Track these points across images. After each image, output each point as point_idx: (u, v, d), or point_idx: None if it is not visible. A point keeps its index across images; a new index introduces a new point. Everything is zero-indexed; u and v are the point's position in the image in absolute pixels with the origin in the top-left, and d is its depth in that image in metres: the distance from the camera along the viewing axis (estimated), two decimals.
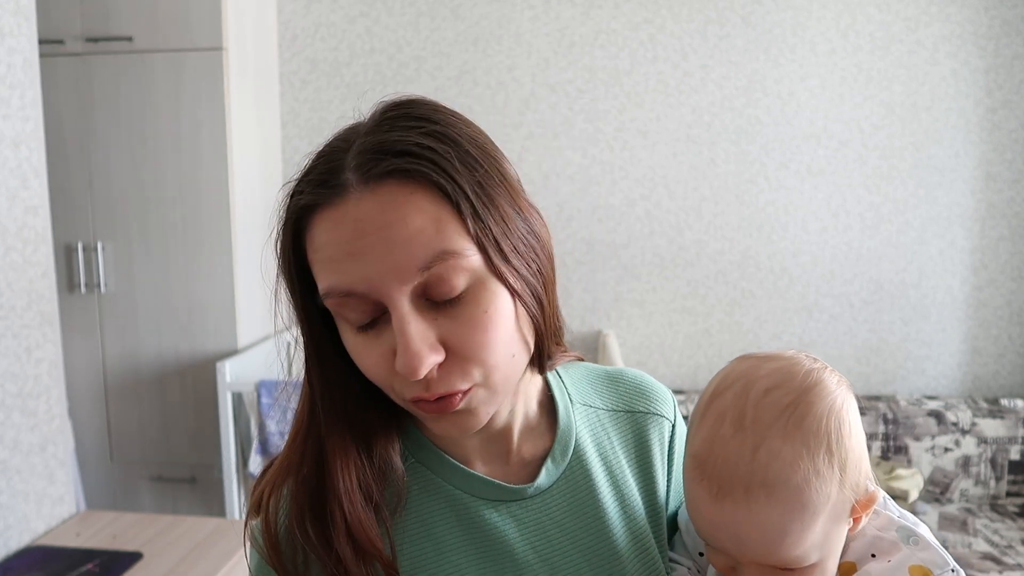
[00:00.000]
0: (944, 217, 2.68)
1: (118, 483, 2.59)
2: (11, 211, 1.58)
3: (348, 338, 0.55)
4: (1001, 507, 2.46)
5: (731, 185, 2.73)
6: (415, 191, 0.51)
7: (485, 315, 0.53)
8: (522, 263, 0.55)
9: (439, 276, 0.51)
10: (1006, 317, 2.70)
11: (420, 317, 0.52)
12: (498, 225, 0.54)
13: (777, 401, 0.54)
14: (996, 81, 2.61)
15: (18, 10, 1.60)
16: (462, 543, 0.59)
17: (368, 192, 0.51)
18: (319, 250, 0.53)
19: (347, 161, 0.53)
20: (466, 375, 0.54)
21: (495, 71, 2.75)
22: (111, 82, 2.41)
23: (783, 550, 0.53)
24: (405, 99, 0.57)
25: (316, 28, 2.80)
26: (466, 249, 0.52)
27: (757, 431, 0.53)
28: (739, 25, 2.66)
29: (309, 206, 0.54)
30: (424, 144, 0.52)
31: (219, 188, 2.41)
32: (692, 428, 0.59)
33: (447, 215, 0.52)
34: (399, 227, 0.50)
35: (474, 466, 0.62)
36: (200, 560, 1.57)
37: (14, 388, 1.58)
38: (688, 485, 0.57)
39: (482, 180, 0.54)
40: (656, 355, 2.82)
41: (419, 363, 0.50)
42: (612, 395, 0.71)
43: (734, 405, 0.55)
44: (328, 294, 0.53)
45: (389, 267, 0.51)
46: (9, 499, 1.57)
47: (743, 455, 0.53)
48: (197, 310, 2.47)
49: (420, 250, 0.50)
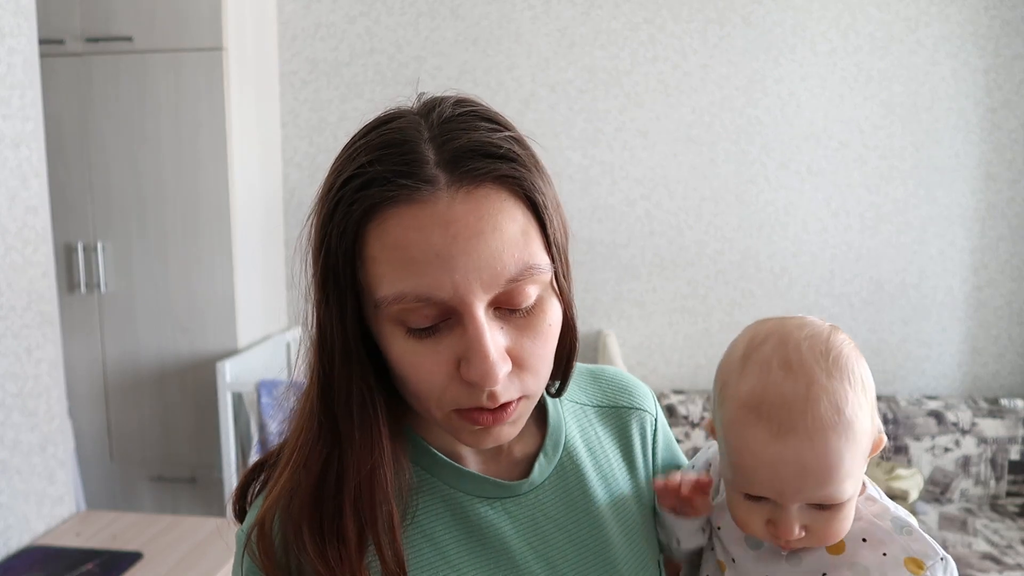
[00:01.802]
0: (944, 217, 2.68)
1: (118, 483, 2.59)
2: (11, 211, 1.58)
3: (400, 344, 0.52)
4: (1001, 507, 2.46)
5: (731, 185, 2.73)
6: (508, 199, 0.50)
7: (549, 328, 0.54)
8: (568, 275, 0.56)
9: (521, 288, 0.50)
10: (1006, 317, 2.70)
11: (492, 326, 0.51)
12: (562, 238, 0.54)
13: (814, 346, 0.59)
14: (996, 81, 2.61)
15: (18, 10, 1.60)
16: (459, 541, 0.59)
17: (463, 193, 0.49)
18: (396, 249, 0.49)
19: (427, 154, 0.50)
20: (523, 385, 0.53)
21: (495, 71, 2.75)
22: (111, 82, 2.41)
23: (837, 479, 0.57)
24: (464, 96, 0.55)
25: (316, 28, 2.80)
26: (546, 262, 0.52)
27: (805, 372, 0.57)
28: (739, 25, 2.66)
29: (387, 198, 0.49)
30: (514, 151, 0.51)
31: (219, 188, 2.41)
32: (730, 384, 0.62)
33: (532, 227, 0.51)
34: (493, 236, 0.49)
35: (467, 464, 0.62)
36: (200, 560, 1.57)
37: (14, 388, 1.58)
38: (741, 432, 0.59)
39: (550, 192, 0.54)
40: (656, 355, 2.82)
41: (498, 372, 0.50)
42: (596, 392, 0.72)
43: (777, 353, 0.59)
44: (400, 297, 0.49)
45: (478, 275, 0.49)
46: (9, 499, 1.57)
47: (799, 393, 0.57)
48: (197, 310, 2.47)
49: (510, 262, 0.49)
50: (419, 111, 0.54)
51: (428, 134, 0.51)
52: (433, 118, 0.52)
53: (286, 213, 2.87)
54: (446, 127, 0.51)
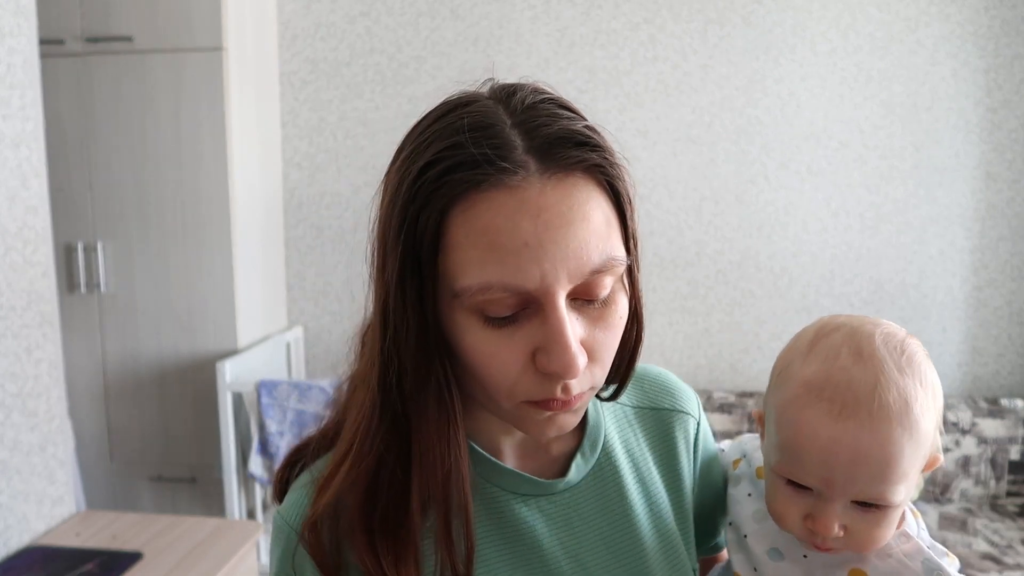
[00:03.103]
0: (944, 217, 2.68)
1: (118, 483, 2.59)
2: (11, 211, 1.58)
3: (477, 334, 0.50)
4: (1001, 507, 2.46)
5: (731, 185, 2.73)
6: (595, 189, 0.50)
7: (620, 320, 0.53)
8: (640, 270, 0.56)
9: (600, 279, 0.50)
10: (1006, 317, 2.70)
11: (571, 316, 0.50)
12: (638, 231, 0.54)
13: (888, 341, 0.57)
14: (996, 81, 2.61)
15: (18, 10, 1.60)
16: (491, 535, 0.60)
17: (554, 180, 0.48)
18: (484, 234, 0.48)
19: (515, 140, 0.49)
20: (593, 376, 0.53)
21: (495, 71, 2.74)
22: (111, 82, 2.41)
23: (892, 477, 0.55)
24: (534, 83, 0.55)
25: (316, 28, 2.80)
26: (623, 255, 0.52)
27: (876, 362, 0.56)
28: (739, 25, 2.66)
29: (477, 182, 0.47)
30: (598, 141, 0.51)
31: (219, 188, 2.41)
32: (793, 366, 0.60)
33: (614, 218, 0.51)
34: (581, 225, 0.48)
35: (504, 460, 0.62)
36: (200, 560, 1.57)
37: (14, 388, 1.58)
38: (798, 412, 0.57)
39: (631, 183, 0.53)
40: (656, 355, 2.82)
41: (578, 363, 0.49)
42: (638, 392, 0.71)
43: (848, 341, 0.57)
44: (487, 288, 0.48)
45: (564, 266, 0.48)
46: (9, 499, 1.57)
47: (867, 379, 0.55)
48: (197, 310, 2.47)
49: (595, 252, 0.49)
50: (493, 96, 0.53)
51: (511, 120, 0.50)
52: (515, 104, 0.51)
53: (286, 213, 2.87)
54: (530, 114, 0.51)
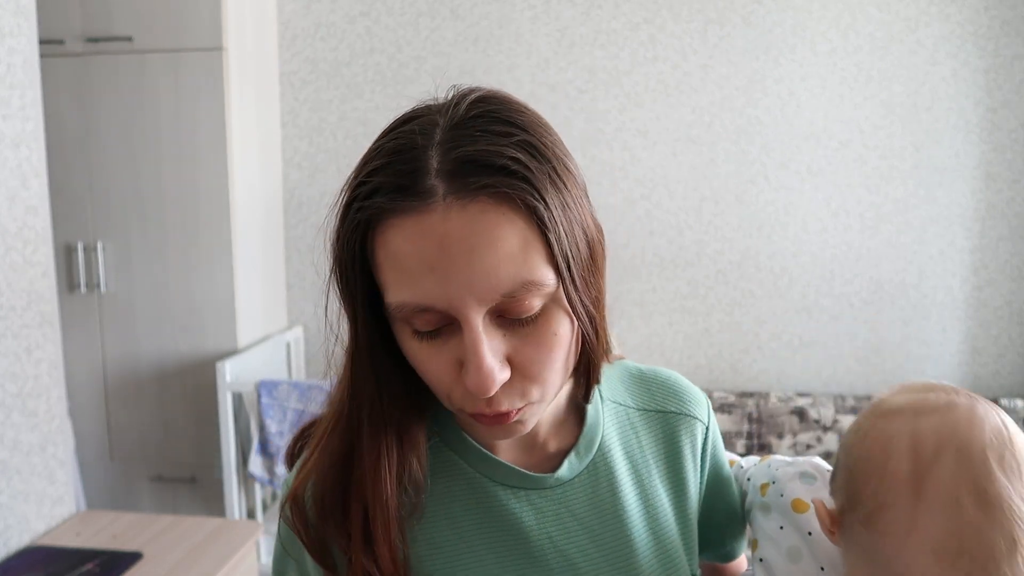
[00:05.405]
0: (944, 217, 2.68)
1: (118, 483, 2.59)
2: (11, 211, 1.58)
3: (409, 343, 0.54)
4: None
5: (731, 185, 2.73)
6: (507, 212, 0.49)
7: (554, 337, 0.53)
8: (585, 287, 0.54)
9: (519, 300, 0.50)
10: (1006, 317, 2.70)
11: (491, 334, 0.51)
12: (576, 249, 0.52)
13: (1001, 457, 0.51)
14: (996, 81, 2.61)
15: (18, 10, 1.60)
16: (480, 526, 0.60)
17: (458, 206, 0.48)
18: (395, 259, 0.50)
19: (429, 163, 0.49)
20: (525, 394, 0.53)
21: (495, 71, 2.75)
22: (111, 82, 2.41)
23: None
24: (486, 93, 0.53)
25: (316, 28, 2.80)
26: (548, 277, 0.50)
27: (1005, 508, 0.50)
28: (739, 25, 2.66)
29: (386, 209, 0.50)
30: (519, 160, 0.49)
31: (219, 188, 2.41)
32: (900, 513, 0.53)
33: (534, 241, 0.49)
34: (487, 251, 0.48)
35: (498, 453, 0.63)
36: (200, 560, 1.57)
37: (14, 388, 1.58)
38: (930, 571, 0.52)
39: (567, 201, 0.51)
40: (656, 355, 2.82)
41: (491, 382, 0.50)
42: (644, 394, 0.71)
43: (966, 481, 0.51)
44: (402, 307, 0.51)
45: (471, 289, 0.48)
46: (9, 499, 1.57)
47: (1002, 544, 0.49)
48: (197, 310, 2.47)
49: (505, 277, 0.49)
50: (439, 109, 0.53)
51: (439, 138, 0.50)
52: (452, 118, 0.51)
53: (286, 213, 2.87)
54: (456, 132, 0.50)
